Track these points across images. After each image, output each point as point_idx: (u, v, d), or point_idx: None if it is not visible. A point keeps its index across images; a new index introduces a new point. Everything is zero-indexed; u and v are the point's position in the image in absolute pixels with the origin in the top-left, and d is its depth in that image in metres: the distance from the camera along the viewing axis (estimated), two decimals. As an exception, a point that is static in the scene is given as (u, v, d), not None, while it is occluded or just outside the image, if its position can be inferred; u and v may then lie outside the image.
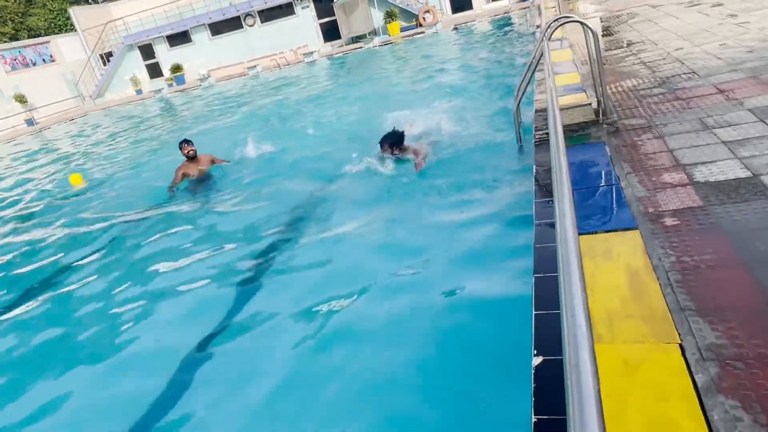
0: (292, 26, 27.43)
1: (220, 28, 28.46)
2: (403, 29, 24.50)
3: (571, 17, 4.74)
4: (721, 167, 3.41)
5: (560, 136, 2.13)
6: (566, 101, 5.43)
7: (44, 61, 31.04)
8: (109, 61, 30.84)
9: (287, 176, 7.39)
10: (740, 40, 6.38)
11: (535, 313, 2.50)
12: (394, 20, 24.59)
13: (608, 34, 9.25)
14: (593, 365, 0.91)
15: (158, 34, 29.09)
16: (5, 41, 34.55)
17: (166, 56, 29.51)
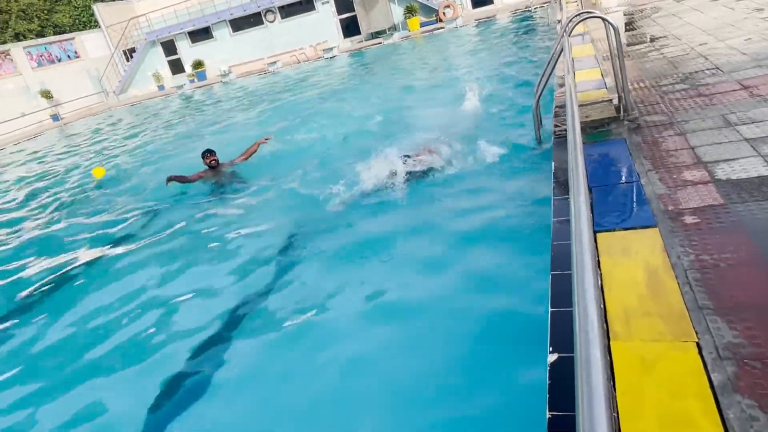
0: (312, 22, 27.52)
1: (241, 24, 28.66)
2: (422, 24, 24.42)
3: (591, 12, 4.69)
4: (743, 165, 3.37)
5: (578, 132, 2.13)
6: (586, 97, 5.38)
7: (69, 57, 31.61)
8: (132, 57, 31.27)
9: (302, 179, 7.20)
10: (765, 35, 6.25)
11: (551, 310, 2.51)
12: (414, 15, 24.53)
13: (631, 28, 9.12)
14: (603, 361, 0.93)
15: (180, 30, 29.39)
16: (32, 38, 35.24)
17: (187, 52, 29.82)
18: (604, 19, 4.59)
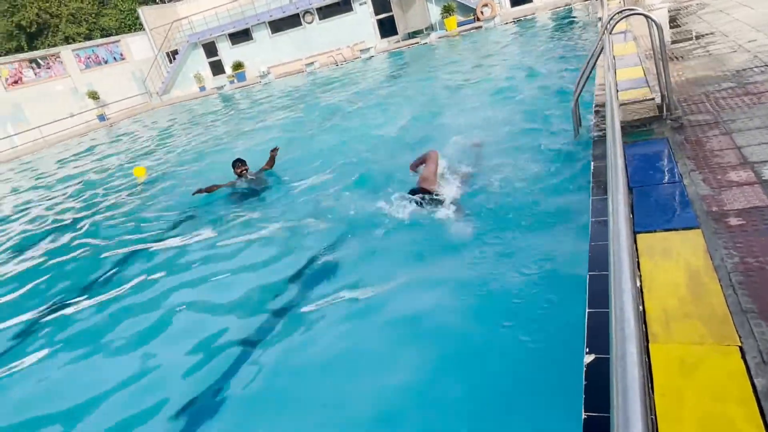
0: (349, 23, 27.70)
1: (279, 25, 29.07)
2: (460, 24, 24.30)
3: (633, 9, 4.60)
4: (792, 165, 3.26)
5: (617, 131, 2.10)
6: (628, 96, 5.28)
7: (115, 59, 32.66)
8: (174, 59, 32.07)
9: (337, 189, 6.92)
10: (820, 30, 6.01)
11: (588, 311, 2.48)
12: (451, 15, 24.42)
13: (675, 25, 8.89)
14: (639, 357, 0.92)
15: (221, 32, 30.00)
16: (80, 41, 36.56)
17: (228, 54, 30.41)
18: (647, 16, 4.49)
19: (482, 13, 23.85)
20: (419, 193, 5.22)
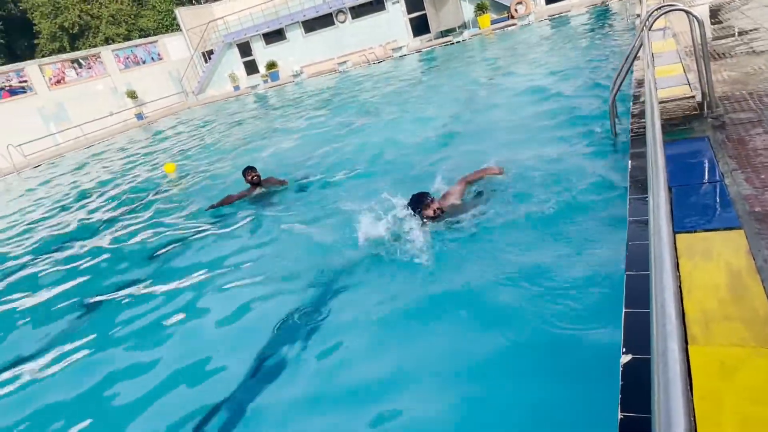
0: (382, 22, 27.72)
1: (312, 25, 29.28)
2: (493, 21, 24.06)
3: (673, 6, 4.50)
4: (841, 165, 3.15)
5: (657, 130, 2.07)
6: (667, 94, 5.18)
7: (152, 59, 33.43)
8: (210, 58, 32.63)
9: (365, 191, 6.59)
10: None
11: (625, 311, 2.45)
12: (484, 13, 24.22)
13: (717, 21, 8.65)
14: (681, 355, 0.92)
15: (255, 32, 30.38)
16: (119, 41, 37.53)
17: (262, 53, 30.78)
18: (688, 12, 4.39)
19: (516, 10, 23.58)
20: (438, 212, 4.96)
